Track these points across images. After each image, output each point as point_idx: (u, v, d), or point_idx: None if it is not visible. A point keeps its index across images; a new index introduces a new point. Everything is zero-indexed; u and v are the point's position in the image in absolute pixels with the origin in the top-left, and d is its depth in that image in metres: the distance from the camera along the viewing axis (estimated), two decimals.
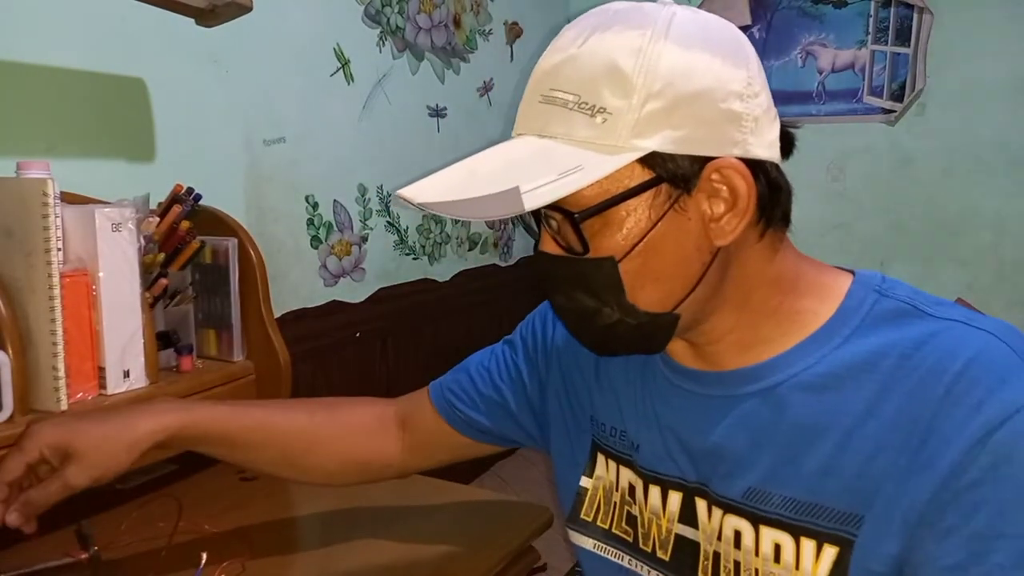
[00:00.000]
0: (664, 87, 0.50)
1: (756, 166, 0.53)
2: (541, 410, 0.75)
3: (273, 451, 0.78)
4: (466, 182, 0.52)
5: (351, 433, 0.80)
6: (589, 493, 0.69)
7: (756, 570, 0.55)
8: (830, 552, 0.52)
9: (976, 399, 0.48)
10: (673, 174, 0.52)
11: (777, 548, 0.54)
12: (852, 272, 0.59)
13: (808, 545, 0.53)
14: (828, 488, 0.53)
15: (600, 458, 0.69)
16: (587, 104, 0.51)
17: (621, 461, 0.66)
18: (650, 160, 0.51)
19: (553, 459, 0.74)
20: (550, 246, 0.56)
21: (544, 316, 0.78)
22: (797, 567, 0.53)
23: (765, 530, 0.55)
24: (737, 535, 0.57)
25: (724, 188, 0.53)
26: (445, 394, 0.79)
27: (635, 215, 0.52)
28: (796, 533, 0.53)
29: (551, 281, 0.57)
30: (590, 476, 0.69)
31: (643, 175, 0.52)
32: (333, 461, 0.79)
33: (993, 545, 0.47)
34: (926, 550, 0.49)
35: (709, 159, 0.52)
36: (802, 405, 0.55)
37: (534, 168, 0.51)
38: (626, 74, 0.50)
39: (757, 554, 0.55)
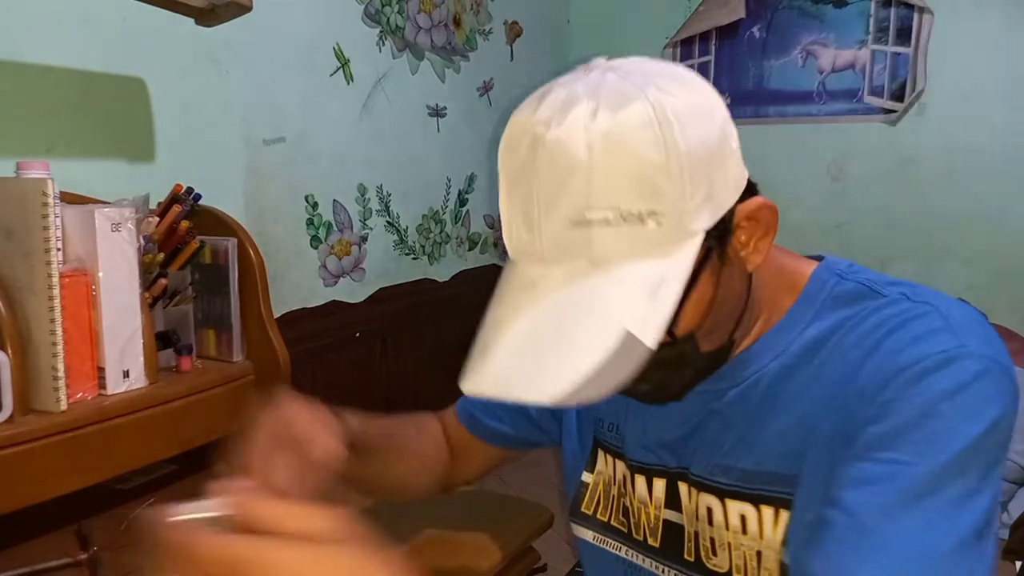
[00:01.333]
0: (693, 167, 0.47)
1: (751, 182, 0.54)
2: (558, 410, 0.77)
3: (405, 462, 0.75)
4: (566, 352, 0.47)
5: (433, 447, 0.80)
6: (590, 488, 0.71)
7: (729, 544, 0.57)
8: (785, 517, 0.54)
9: (894, 350, 0.51)
10: (718, 239, 0.51)
11: (743, 519, 0.56)
12: (822, 258, 0.61)
13: (768, 512, 0.55)
14: (772, 453, 0.55)
15: (600, 454, 0.71)
16: (632, 213, 0.47)
17: (616, 455, 0.69)
18: (708, 233, 0.49)
19: (563, 454, 0.76)
20: None
21: None
22: (761, 536, 0.55)
23: (730, 503, 0.57)
24: (709, 512, 0.59)
25: (756, 224, 0.53)
26: (469, 408, 0.80)
27: (700, 289, 0.51)
28: (756, 502, 0.56)
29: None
30: (591, 471, 0.71)
31: (697, 251, 0.49)
32: (426, 475, 0.79)
33: (872, 467, 0.49)
34: (830, 482, 0.51)
35: (734, 208, 0.51)
36: (768, 390, 0.57)
37: (623, 302, 0.47)
38: (660, 169, 0.47)
39: (727, 528, 0.57)
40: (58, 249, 0.82)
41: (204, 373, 1.01)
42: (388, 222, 1.71)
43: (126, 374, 0.90)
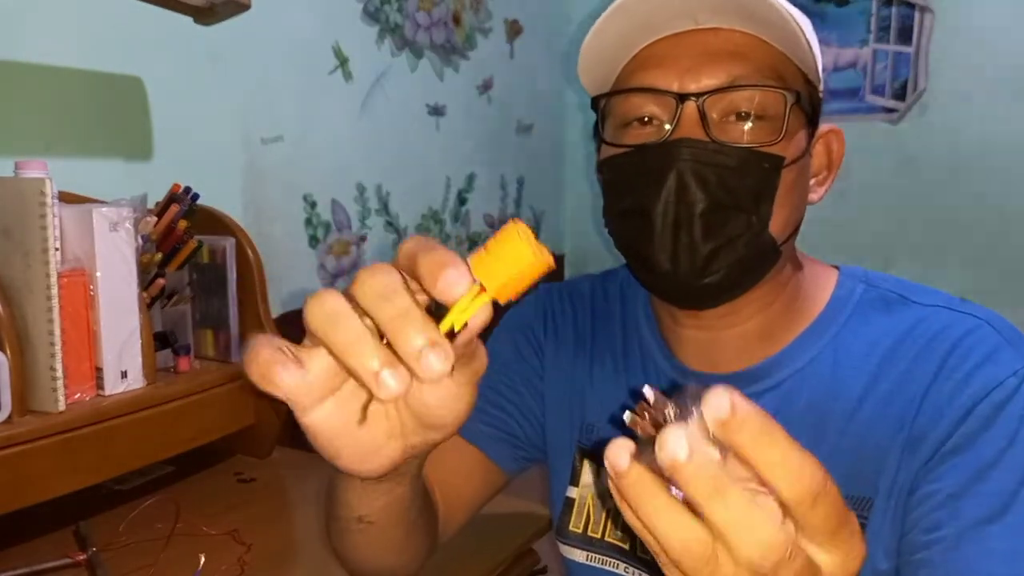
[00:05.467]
0: (816, 45, 0.56)
1: None
2: (541, 420, 0.73)
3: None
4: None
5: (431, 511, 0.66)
6: (576, 503, 0.68)
7: None
8: None
9: (964, 373, 0.51)
10: (815, 115, 0.56)
11: None
12: (836, 266, 0.62)
13: None
14: (833, 475, 0.53)
15: (588, 465, 0.67)
16: (784, 16, 0.53)
17: None
18: (812, 90, 0.56)
19: (551, 470, 0.73)
20: (715, 134, 0.53)
21: (525, 327, 0.73)
22: None
23: None
24: None
25: (825, 152, 0.59)
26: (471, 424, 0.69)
27: (801, 133, 0.55)
28: None
29: (697, 170, 0.52)
30: (576, 485, 0.68)
31: (807, 96, 0.56)
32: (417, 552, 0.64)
33: (967, 502, 0.49)
34: (911, 516, 0.51)
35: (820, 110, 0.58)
36: (807, 397, 0.56)
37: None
38: (802, 21, 0.55)
39: None
40: (56, 249, 0.82)
41: (202, 373, 1.01)
42: (387, 221, 1.71)
43: (124, 374, 0.89)
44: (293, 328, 0.35)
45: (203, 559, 0.78)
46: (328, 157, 1.53)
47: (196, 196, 1.04)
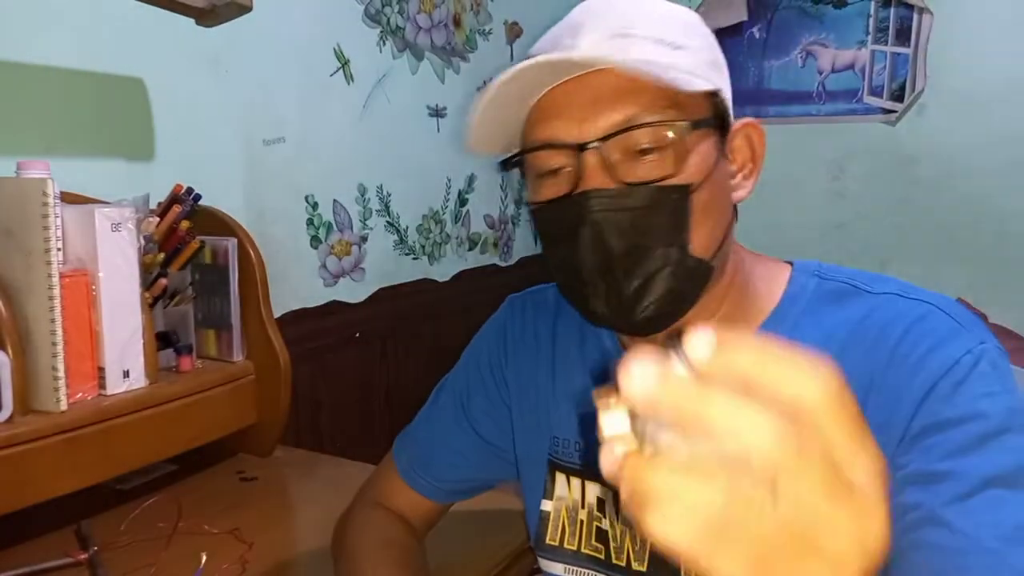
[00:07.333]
0: (711, 45, 0.57)
1: None
2: (509, 433, 0.74)
3: None
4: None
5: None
6: (552, 516, 0.68)
7: None
8: None
9: (917, 358, 0.51)
10: (722, 119, 0.56)
11: None
12: (790, 262, 0.63)
13: None
14: None
15: (560, 478, 0.68)
16: (666, 41, 0.54)
17: (586, 476, 0.66)
18: (713, 100, 0.55)
19: (523, 483, 0.74)
20: (620, 176, 0.53)
21: (484, 348, 0.76)
22: None
23: None
24: None
25: (747, 146, 0.58)
26: (412, 470, 0.78)
27: (705, 146, 0.54)
28: None
29: (607, 219, 0.53)
30: (550, 498, 0.69)
31: (708, 111, 0.55)
32: None
33: (941, 483, 0.48)
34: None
35: (729, 114, 0.57)
36: None
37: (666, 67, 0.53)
38: (689, 23, 0.57)
39: None
40: (58, 249, 0.82)
41: (204, 373, 1.01)
42: (388, 222, 1.71)
43: (126, 374, 0.90)
44: (294, 327, 0.36)
45: (205, 558, 0.79)
46: (329, 158, 1.54)
47: (198, 197, 1.04)
